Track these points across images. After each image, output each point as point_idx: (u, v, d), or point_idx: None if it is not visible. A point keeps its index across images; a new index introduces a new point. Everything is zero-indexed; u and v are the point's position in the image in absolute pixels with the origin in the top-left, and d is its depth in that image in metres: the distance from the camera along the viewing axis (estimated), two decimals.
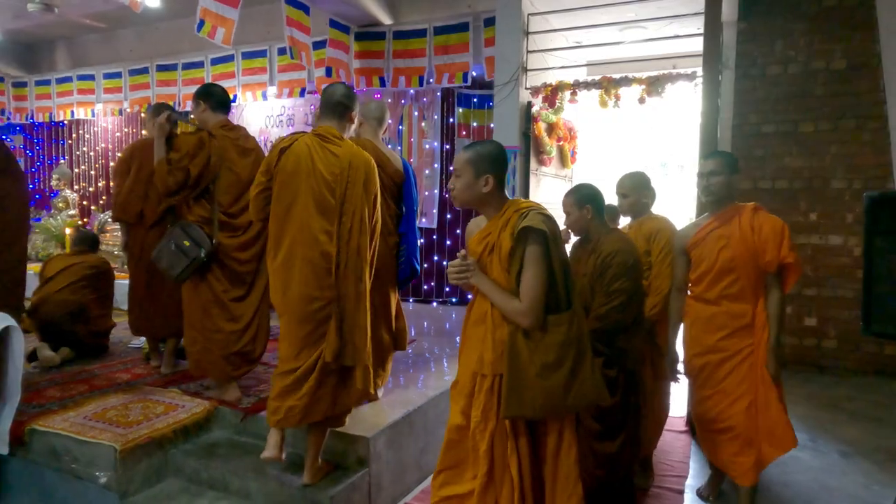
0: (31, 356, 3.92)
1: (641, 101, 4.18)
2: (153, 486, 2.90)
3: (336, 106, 2.69)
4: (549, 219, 1.92)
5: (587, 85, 4.39)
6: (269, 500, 2.71)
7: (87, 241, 4.69)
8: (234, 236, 3.30)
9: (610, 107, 4.32)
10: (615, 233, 2.57)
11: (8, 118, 9.30)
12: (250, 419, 3.16)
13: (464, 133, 6.37)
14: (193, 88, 7.17)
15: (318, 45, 6.03)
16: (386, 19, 6.31)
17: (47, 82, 8.76)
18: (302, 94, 6.79)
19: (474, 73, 6.02)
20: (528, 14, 4.73)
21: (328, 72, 5.92)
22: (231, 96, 7.15)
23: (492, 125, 5.41)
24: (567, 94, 4.53)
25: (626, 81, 4.21)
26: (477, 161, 1.96)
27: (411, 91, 6.48)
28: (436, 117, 6.50)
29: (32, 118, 9.15)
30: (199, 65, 7.35)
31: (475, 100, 6.31)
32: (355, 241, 2.53)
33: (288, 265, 2.50)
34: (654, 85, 4.03)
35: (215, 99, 3.38)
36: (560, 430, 1.95)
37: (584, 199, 2.50)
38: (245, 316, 3.30)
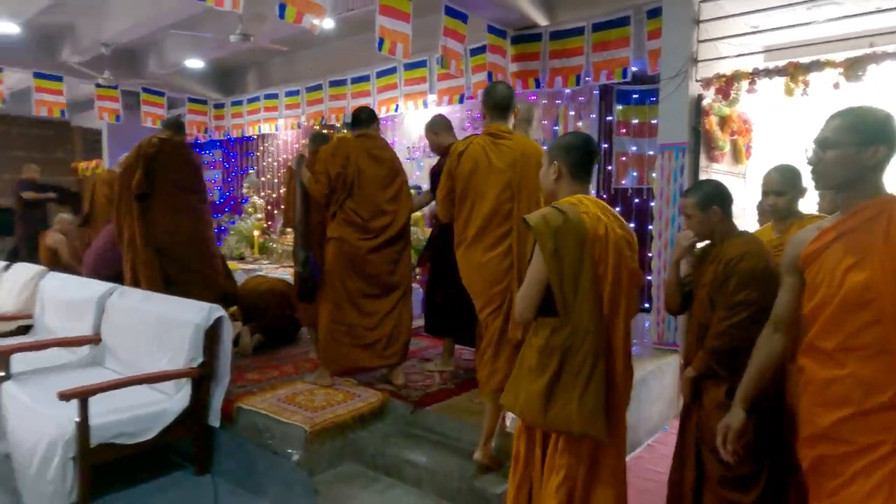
0: (234, 341, 4.52)
1: (836, 86, 3.72)
2: (336, 467, 3.18)
3: (500, 104, 2.83)
4: (561, 213, 1.80)
5: (769, 72, 4.00)
6: (440, 490, 2.85)
7: None
8: (366, 239, 3.57)
9: (798, 95, 3.90)
10: (743, 235, 2.25)
11: (210, 135, 10.75)
12: (419, 412, 3.34)
13: (623, 131, 6.15)
14: (361, 101, 7.76)
15: (476, 52, 6.18)
16: (542, 21, 6.29)
17: (240, 102, 9.97)
18: (461, 100, 7.01)
19: (634, 69, 5.77)
20: (700, 1, 4.44)
21: (489, 76, 6.05)
22: (393, 107, 7.62)
23: (654, 121, 5.15)
24: (744, 83, 4.17)
25: (818, 66, 3.77)
26: (551, 150, 2.02)
27: (567, 91, 6.39)
28: (593, 116, 6.34)
29: (228, 134, 10.48)
30: (366, 78, 7.90)
31: (635, 96, 6.06)
32: None
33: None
34: (854, 67, 3.56)
35: (355, 120, 3.80)
36: (553, 454, 1.85)
37: (708, 198, 2.21)
38: (378, 313, 3.58)
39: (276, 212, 10.01)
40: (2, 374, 3.49)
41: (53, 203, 8.37)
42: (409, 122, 7.95)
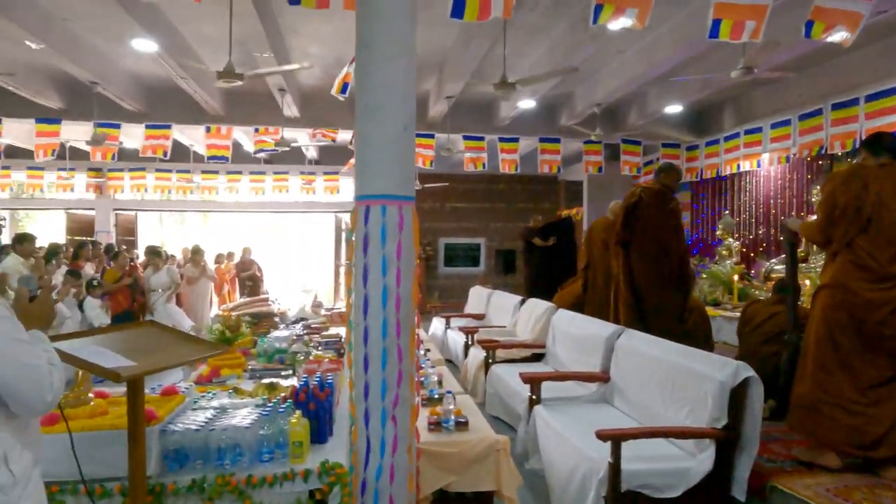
0: None
1: None
2: None
3: None
4: None
5: None
6: None
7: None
8: (882, 289, 2.81)
9: None
10: None
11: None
12: None
13: None
14: (881, 121, 6.33)
15: None
16: None
17: (716, 142, 9.60)
18: None
19: None
20: None
21: None
22: None
23: None
24: None
25: None
26: None
27: None
28: None
29: (700, 176, 10.20)
30: (890, 93, 6.42)
31: None
32: None
33: None
34: None
35: (876, 145, 3.11)
36: None
37: None
38: (878, 394, 2.82)
39: (752, 254, 9.15)
40: (534, 397, 4.00)
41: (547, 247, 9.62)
42: None
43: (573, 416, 3.65)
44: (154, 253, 8.02)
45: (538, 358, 5.51)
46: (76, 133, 9.34)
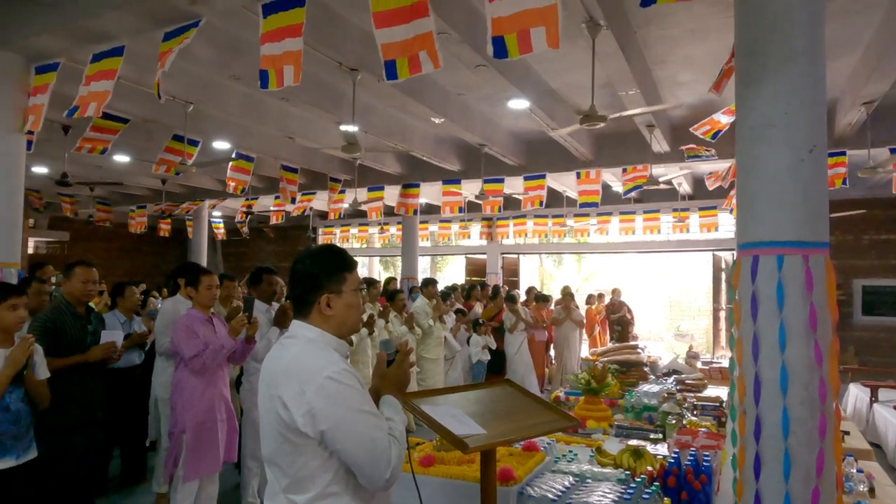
0: None
1: None
2: None
3: None
4: None
5: None
6: None
7: None
8: None
9: None
10: None
11: None
12: None
13: None
14: None
15: None
16: None
17: None
18: None
19: None
20: None
21: None
22: None
23: None
24: None
25: None
26: None
27: None
28: None
29: None
30: None
31: None
32: None
33: None
34: None
35: None
36: None
37: None
38: None
39: None
40: None
41: None
42: None
43: None
44: (509, 298, 8.44)
45: None
46: (471, 189, 10.83)
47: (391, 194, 11.11)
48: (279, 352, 1.60)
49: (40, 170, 10.17)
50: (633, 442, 3.12)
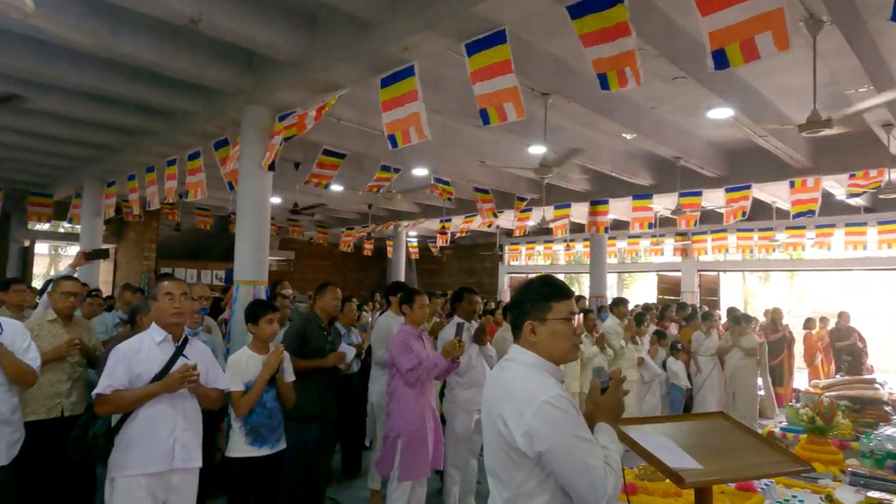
0: None
1: None
2: None
3: None
4: None
5: None
6: None
7: None
8: None
9: None
10: None
11: None
12: None
13: None
14: None
15: None
16: None
17: None
18: None
19: None
20: None
21: None
22: None
23: None
24: None
25: None
26: None
27: None
28: None
29: None
30: None
31: None
32: None
33: None
34: None
35: None
36: None
37: None
38: None
39: None
40: None
41: None
42: None
43: None
44: (705, 316, 7.75)
45: None
46: (664, 203, 10.28)
47: (578, 211, 11.01)
48: (499, 373, 1.73)
49: (275, 200, 11.97)
50: (875, 494, 2.75)
